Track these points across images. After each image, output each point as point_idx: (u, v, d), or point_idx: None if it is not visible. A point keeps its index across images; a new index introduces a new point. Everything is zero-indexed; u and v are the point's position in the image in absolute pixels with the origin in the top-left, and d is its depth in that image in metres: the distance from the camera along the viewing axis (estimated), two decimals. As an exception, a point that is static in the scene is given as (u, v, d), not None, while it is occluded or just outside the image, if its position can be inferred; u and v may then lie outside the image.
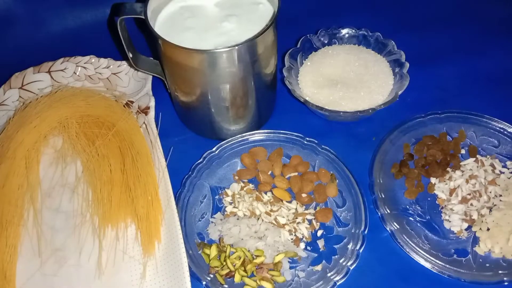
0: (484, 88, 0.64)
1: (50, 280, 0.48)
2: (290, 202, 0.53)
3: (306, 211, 0.53)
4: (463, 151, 0.56)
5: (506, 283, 0.46)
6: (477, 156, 0.55)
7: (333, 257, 0.49)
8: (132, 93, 0.63)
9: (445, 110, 0.58)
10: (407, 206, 0.52)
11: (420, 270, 0.48)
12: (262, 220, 0.51)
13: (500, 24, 0.72)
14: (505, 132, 0.56)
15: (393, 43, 0.62)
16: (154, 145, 0.55)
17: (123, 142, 0.55)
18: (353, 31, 0.65)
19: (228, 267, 0.48)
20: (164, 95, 0.63)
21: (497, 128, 0.57)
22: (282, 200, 0.54)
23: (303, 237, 0.51)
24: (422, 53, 0.67)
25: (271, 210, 0.52)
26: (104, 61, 0.65)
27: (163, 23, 0.53)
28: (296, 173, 0.56)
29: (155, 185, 0.52)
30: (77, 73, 0.65)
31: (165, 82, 0.59)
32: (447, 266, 0.47)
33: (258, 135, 0.58)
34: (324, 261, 0.49)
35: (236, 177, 0.56)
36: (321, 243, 0.50)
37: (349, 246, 0.49)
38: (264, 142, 0.58)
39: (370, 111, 0.56)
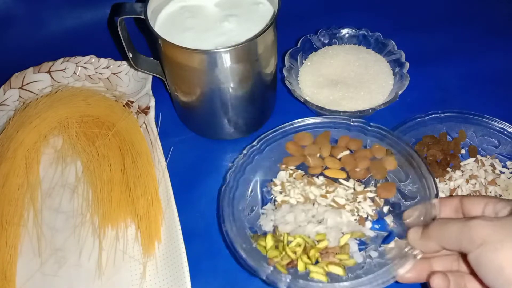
0: (484, 88, 0.64)
1: (50, 280, 0.48)
2: (346, 180, 0.50)
3: (366, 189, 0.49)
4: (463, 151, 0.56)
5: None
6: (477, 156, 0.55)
7: (405, 233, 0.44)
8: (132, 93, 0.63)
9: (445, 110, 0.58)
10: (407, 206, 0.52)
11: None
12: (319, 203, 0.48)
13: (500, 24, 0.72)
14: (505, 132, 0.56)
15: (393, 43, 0.62)
16: (154, 145, 0.55)
17: (123, 142, 0.55)
18: (353, 31, 0.65)
19: (289, 256, 0.44)
20: (164, 95, 0.63)
21: (497, 128, 0.57)
22: (337, 181, 0.50)
23: (367, 216, 0.47)
24: (422, 53, 0.67)
25: (327, 192, 0.48)
26: (104, 61, 0.65)
27: (163, 23, 0.53)
28: (348, 152, 0.52)
29: (155, 185, 0.52)
30: (77, 73, 0.65)
31: (165, 82, 0.59)
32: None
33: (298, 123, 0.53)
34: (396, 238, 0.45)
35: (283, 166, 0.53)
36: (389, 220, 0.47)
37: (422, 218, 0.43)
38: (307, 128, 0.54)
39: (370, 111, 0.56)
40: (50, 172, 0.56)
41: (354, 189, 0.49)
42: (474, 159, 0.55)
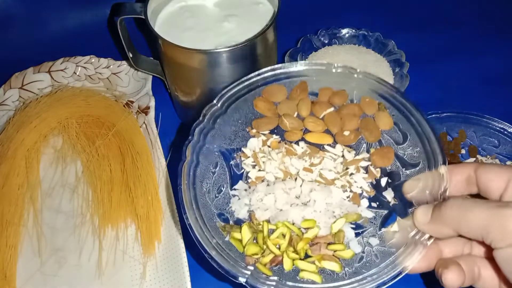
0: (484, 88, 0.64)
1: (50, 280, 0.48)
2: (333, 146, 0.41)
3: (358, 157, 0.40)
4: (463, 151, 0.56)
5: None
6: (477, 156, 0.55)
7: (409, 210, 0.36)
8: (132, 93, 0.62)
9: (445, 110, 0.58)
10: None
11: (417, 280, 0.48)
12: (302, 180, 0.39)
13: (500, 24, 0.72)
14: (505, 132, 0.56)
15: (393, 43, 0.62)
16: (154, 145, 0.55)
17: (123, 142, 0.55)
18: (353, 31, 0.65)
19: (271, 251, 0.36)
20: (164, 95, 0.63)
21: (497, 128, 0.57)
22: (322, 148, 0.41)
23: (362, 191, 0.39)
24: (422, 53, 0.67)
25: (311, 164, 0.40)
26: (104, 61, 0.65)
27: (163, 23, 0.53)
28: (332, 109, 0.42)
29: (155, 185, 0.52)
30: (77, 73, 0.65)
31: (165, 82, 0.59)
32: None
33: (267, 72, 0.43)
34: (398, 218, 0.37)
35: (253, 130, 0.43)
36: (389, 195, 0.39)
37: (428, 191, 0.36)
38: (277, 80, 0.44)
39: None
40: (50, 172, 0.56)
41: (343, 157, 0.40)
42: (474, 159, 0.55)
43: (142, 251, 0.48)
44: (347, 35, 0.65)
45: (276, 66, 0.43)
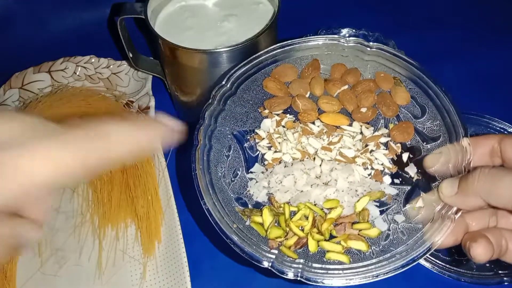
0: (484, 88, 0.64)
1: (50, 280, 0.47)
2: (350, 124, 0.40)
3: (377, 133, 0.39)
4: (463, 151, 0.56)
5: (506, 283, 0.46)
6: (477, 156, 0.55)
7: (433, 184, 0.36)
8: (132, 93, 0.62)
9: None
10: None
11: (420, 270, 0.48)
12: (321, 159, 0.38)
13: (500, 24, 0.72)
14: (505, 132, 0.56)
15: (393, 43, 0.62)
16: (154, 145, 0.55)
17: (123, 142, 0.55)
18: (353, 31, 0.65)
19: (295, 233, 0.35)
20: (164, 95, 0.63)
21: (497, 128, 0.57)
22: (339, 127, 0.40)
23: (384, 168, 0.38)
24: (422, 53, 0.66)
25: (330, 143, 0.38)
26: (104, 61, 0.65)
27: (163, 22, 0.53)
28: (346, 86, 0.41)
29: (155, 185, 0.52)
30: (77, 73, 0.65)
31: (165, 82, 0.59)
32: (447, 266, 0.47)
33: (275, 50, 0.42)
34: (422, 194, 0.36)
35: (265, 111, 0.41)
36: (412, 171, 0.38)
37: (451, 165, 0.35)
38: (287, 57, 0.43)
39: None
40: (50, 172, 0.56)
41: (361, 133, 0.40)
42: (474, 159, 0.55)
43: (142, 251, 0.48)
44: (347, 35, 0.65)
45: (284, 42, 0.42)
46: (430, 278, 0.47)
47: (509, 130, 0.56)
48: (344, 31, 0.65)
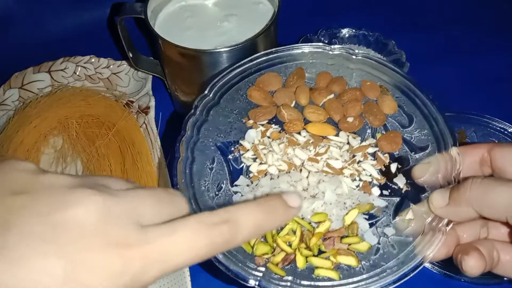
0: (484, 88, 0.64)
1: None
2: (337, 134, 0.39)
3: (364, 143, 0.39)
4: (463, 151, 0.56)
5: (506, 283, 0.46)
6: (477, 156, 0.55)
7: (422, 195, 0.35)
8: (132, 93, 0.62)
9: (445, 110, 0.58)
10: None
11: (420, 270, 0.48)
12: (308, 171, 0.37)
13: (500, 24, 0.72)
14: (505, 132, 0.56)
15: (393, 43, 0.62)
16: (154, 145, 0.55)
17: (123, 142, 0.55)
18: (353, 31, 0.65)
19: (283, 249, 0.33)
20: (164, 95, 0.63)
21: (497, 128, 0.57)
22: (325, 136, 0.39)
23: (372, 179, 0.37)
24: (422, 53, 0.67)
25: (317, 154, 0.37)
26: (104, 61, 0.65)
27: (163, 22, 0.53)
28: (332, 95, 0.41)
29: (155, 185, 0.52)
30: (77, 73, 0.65)
31: (165, 82, 0.59)
32: (447, 266, 0.47)
33: (259, 58, 0.41)
34: (412, 205, 0.35)
35: (250, 121, 0.40)
36: (401, 182, 0.36)
37: (441, 175, 0.34)
38: (271, 66, 0.42)
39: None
40: (50, 172, 0.56)
41: (348, 143, 0.39)
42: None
43: (142, 251, 0.48)
44: (347, 35, 0.65)
45: (269, 50, 0.41)
46: (430, 278, 0.47)
47: (509, 130, 0.56)
48: (344, 31, 0.65)
